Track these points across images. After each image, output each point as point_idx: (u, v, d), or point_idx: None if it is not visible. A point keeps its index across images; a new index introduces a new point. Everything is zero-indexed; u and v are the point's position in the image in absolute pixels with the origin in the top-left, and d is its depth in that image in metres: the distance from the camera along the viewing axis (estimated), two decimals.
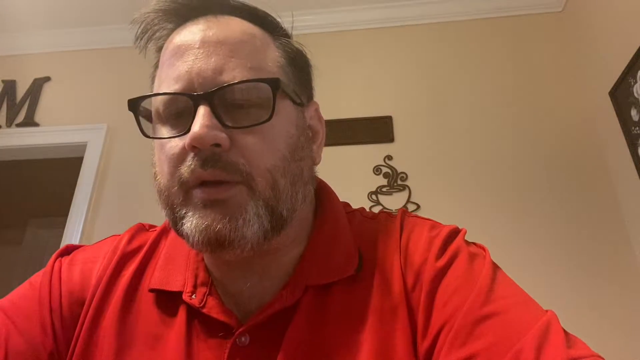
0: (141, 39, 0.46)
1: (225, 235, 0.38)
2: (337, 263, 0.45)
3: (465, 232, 0.47)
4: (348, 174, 1.69)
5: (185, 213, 0.40)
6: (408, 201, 1.64)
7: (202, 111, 0.38)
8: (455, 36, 1.91)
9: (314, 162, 0.49)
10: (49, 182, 2.68)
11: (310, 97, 0.51)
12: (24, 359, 0.42)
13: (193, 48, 0.41)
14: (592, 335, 0.60)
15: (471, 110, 1.76)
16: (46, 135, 1.97)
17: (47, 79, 2.09)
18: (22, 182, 2.86)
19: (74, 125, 1.97)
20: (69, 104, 2.03)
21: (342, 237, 0.47)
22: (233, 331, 0.42)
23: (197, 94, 0.39)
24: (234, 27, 0.44)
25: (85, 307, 0.46)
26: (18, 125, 2.00)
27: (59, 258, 0.50)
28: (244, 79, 0.40)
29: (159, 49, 0.46)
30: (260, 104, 0.41)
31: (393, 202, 1.64)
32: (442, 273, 0.42)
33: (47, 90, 2.08)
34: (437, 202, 1.63)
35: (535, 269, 1.46)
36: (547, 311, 0.38)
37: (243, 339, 0.42)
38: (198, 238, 0.38)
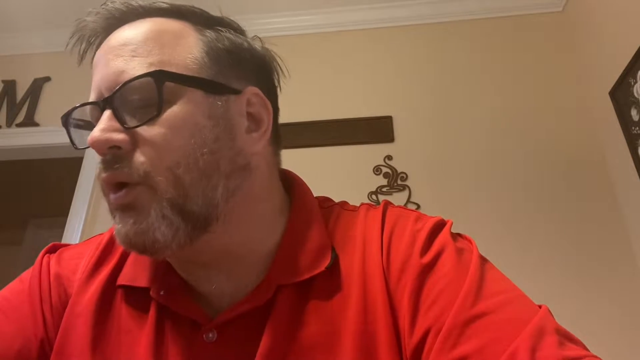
0: (81, 52, 0.47)
1: (135, 240, 0.38)
2: (307, 260, 0.44)
3: (451, 224, 0.46)
4: (348, 174, 1.69)
5: (114, 218, 0.41)
6: (408, 201, 1.64)
7: (103, 115, 0.39)
8: (455, 36, 1.91)
9: (245, 151, 0.44)
10: (49, 182, 2.68)
11: (251, 83, 0.47)
12: (14, 348, 0.42)
13: (102, 57, 0.42)
14: (591, 335, 0.60)
15: (471, 110, 1.76)
16: (46, 135, 1.97)
17: (47, 79, 2.09)
18: (22, 182, 2.86)
19: None
20: (69, 104, 2.02)
21: (314, 232, 0.46)
22: (202, 327, 0.42)
23: (96, 101, 0.41)
24: (142, 27, 0.43)
25: (71, 299, 0.47)
26: (18, 125, 2.00)
27: (47, 254, 0.52)
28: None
29: None
30: (163, 100, 0.39)
31: (393, 202, 1.63)
32: (428, 270, 0.41)
33: (47, 90, 2.08)
34: (437, 202, 1.63)
35: (534, 268, 1.46)
36: (540, 307, 0.37)
37: (210, 335, 0.42)
38: (121, 243, 0.39)
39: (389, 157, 1.72)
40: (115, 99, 0.39)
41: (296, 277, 0.43)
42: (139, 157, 0.39)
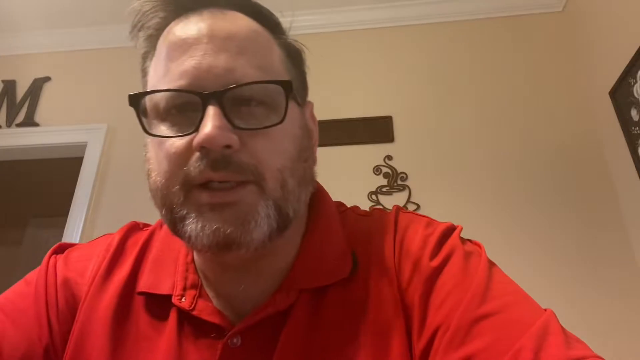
0: (135, 29, 0.44)
1: (234, 238, 0.37)
2: (330, 266, 0.44)
3: (461, 229, 0.46)
4: (348, 174, 1.69)
5: (187, 214, 0.38)
6: (408, 201, 1.64)
7: (212, 111, 0.37)
8: (455, 36, 1.91)
9: (315, 163, 0.48)
10: (49, 182, 2.67)
11: (306, 96, 0.50)
12: (19, 353, 0.42)
13: (201, 43, 0.39)
14: (592, 335, 0.60)
15: (471, 110, 1.76)
16: (46, 135, 1.97)
17: (47, 79, 2.09)
18: (22, 182, 2.85)
19: (74, 125, 1.97)
20: (69, 104, 2.03)
21: (335, 238, 0.47)
22: (225, 332, 0.42)
23: (208, 93, 0.37)
24: (241, 23, 0.42)
25: (81, 303, 0.46)
26: (18, 125, 2.00)
27: (54, 255, 0.50)
28: (254, 77, 0.39)
29: (149, 38, 0.44)
30: (268, 104, 0.40)
31: (393, 202, 1.64)
32: (437, 272, 0.41)
33: (47, 90, 2.08)
34: (437, 202, 1.63)
35: (535, 268, 1.46)
36: (545, 310, 0.37)
37: (235, 340, 0.41)
38: (205, 240, 0.37)
39: (389, 157, 1.72)
40: (225, 96, 0.38)
41: (318, 282, 0.43)
42: (248, 158, 0.38)
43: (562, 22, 1.86)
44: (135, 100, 0.41)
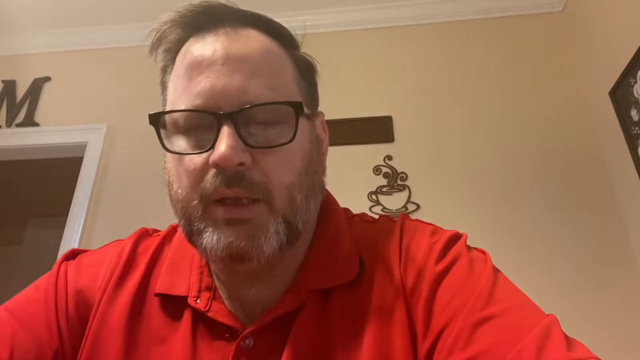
0: (154, 46, 0.46)
1: (246, 252, 0.40)
2: (338, 268, 0.46)
3: (467, 238, 0.47)
4: (348, 174, 1.69)
5: (204, 227, 0.41)
6: (408, 201, 1.64)
7: (226, 131, 0.39)
8: (455, 36, 1.91)
9: (324, 172, 0.49)
10: (49, 182, 2.68)
11: (317, 106, 0.52)
12: (29, 357, 0.42)
13: (216, 64, 0.41)
14: (591, 337, 0.60)
15: (471, 110, 1.76)
16: (46, 135, 1.97)
17: (47, 79, 2.09)
18: (22, 182, 2.86)
19: (74, 125, 1.97)
20: (69, 104, 2.03)
21: (343, 242, 0.48)
22: (238, 334, 0.43)
23: (222, 113, 0.40)
24: (255, 43, 0.44)
25: (93, 309, 0.47)
26: (18, 125, 2.00)
27: (65, 261, 0.51)
28: (267, 97, 0.41)
29: (167, 51, 0.47)
30: (280, 121, 0.42)
31: (393, 202, 1.64)
32: (441, 276, 0.42)
33: (47, 90, 2.08)
34: (437, 202, 1.63)
35: (534, 269, 1.46)
36: (548, 315, 0.38)
37: (247, 341, 0.43)
38: (220, 253, 0.40)
39: (389, 157, 1.72)
40: (239, 116, 0.40)
41: (326, 284, 0.45)
42: (259, 176, 0.40)
43: (562, 22, 1.86)
44: (155, 119, 0.43)
